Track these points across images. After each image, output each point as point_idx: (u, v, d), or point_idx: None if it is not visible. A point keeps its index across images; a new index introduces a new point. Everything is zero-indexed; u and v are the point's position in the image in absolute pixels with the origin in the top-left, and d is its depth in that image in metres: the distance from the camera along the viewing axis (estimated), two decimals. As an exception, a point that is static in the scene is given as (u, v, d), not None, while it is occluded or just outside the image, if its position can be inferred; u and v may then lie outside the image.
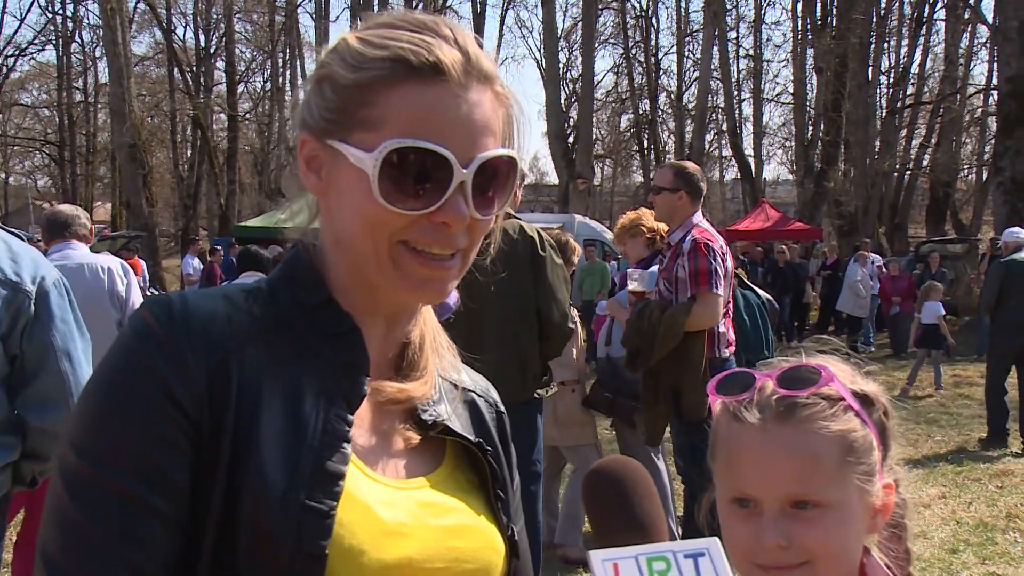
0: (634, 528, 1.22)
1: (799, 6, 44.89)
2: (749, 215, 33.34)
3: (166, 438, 1.18)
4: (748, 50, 51.64)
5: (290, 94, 51.11)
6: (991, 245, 19.33)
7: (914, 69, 45.21)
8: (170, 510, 1.17)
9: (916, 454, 10.31)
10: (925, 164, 43.91)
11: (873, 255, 23.12)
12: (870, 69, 38.63)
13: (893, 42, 44.60)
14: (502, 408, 1.60)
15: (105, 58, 37.48)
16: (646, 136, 55.15)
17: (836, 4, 37.38)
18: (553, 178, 41.98)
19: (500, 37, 63.56)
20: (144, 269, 22.50)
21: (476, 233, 1.33)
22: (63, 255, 6.30)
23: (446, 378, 1.50)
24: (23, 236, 3.91)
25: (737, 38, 50.02)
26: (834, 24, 36.82)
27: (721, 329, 5.92)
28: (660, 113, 54.52)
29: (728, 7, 44.76)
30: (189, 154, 54.46)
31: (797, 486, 1.37)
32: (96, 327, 5.84)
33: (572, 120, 42.80)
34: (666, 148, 54.64)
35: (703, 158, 42.31)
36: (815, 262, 27.01)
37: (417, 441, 1.40)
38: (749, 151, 48.54)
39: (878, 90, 41.95)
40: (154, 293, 19.95)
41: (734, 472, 1.42)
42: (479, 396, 1.56)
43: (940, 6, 42.33)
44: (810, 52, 41.66)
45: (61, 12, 51.82)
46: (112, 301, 6.40)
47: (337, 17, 58.75)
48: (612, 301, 7.59)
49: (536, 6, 46.92)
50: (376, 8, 45.99)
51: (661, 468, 6.98)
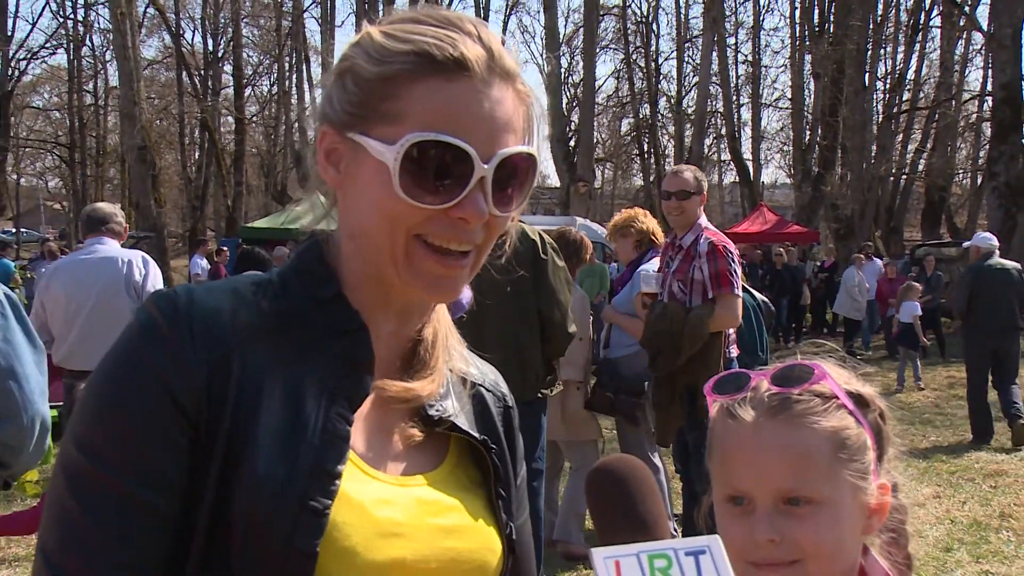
0: (636, 526, 1.21)
1: (797, 13, 45.11)
2: (747, 218, 33.35)
3: (165, 436, 1.17)
4: (747, 56, 51.78)
5: (296, 97, 51.12)
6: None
7: (910, 75, 45.41)
8: (166, 507, 1.17)
9: (911, 454, 10.28)
10: (921, 168, 44.05)
11: (876, 259, 23.15)
12: (867, 75, 38.58)
13: (889, 48, 44.65)
14: (511, 402, 1.58)
15: (115, 62, 37.53)
16: (646, 140, 55.27)
17: (833, 11, 37.45)
18: (555, 181, 41.99)
19: (502, 42, 63.49)
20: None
21: (493, 230, 1.32)
22: (91, 250, 6.74)
23: (456, 372, 1.48)
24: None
25: (736, 44, 50.17)
26: (831, 30, 36.86)
27: (728, 331, 5.92)
28: (660, 117, 54.63)
29: (727, 13, 44.88)
30: (197, 156, 54.59)
31: (789, 481, 1.36)
32: (113, 315, 6.30)
33: (573, 124, 42.75)
34: (666, 152, 54.73)
35: (702, 162, 42.28)
36: (812, 264, 27.01)
37: (420, 438, 1.38)
38: (748, 155, 48.66)
39: (875, 95, 41.91)
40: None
41: (728, 469, 1.42)
42: (487, 390, 1.54)
43: (936, 13, 42.40)
44: (808, 58, 41.75)
45: (72, 17, 51.91)
46: (128, 291, 6.64)
47: (343, 22, 58.75)
48: (609, 309, 7.56)
49: (538, 12, 47.09)
50: (382, 12, 46.07)
51: (659, 466, 6.98)
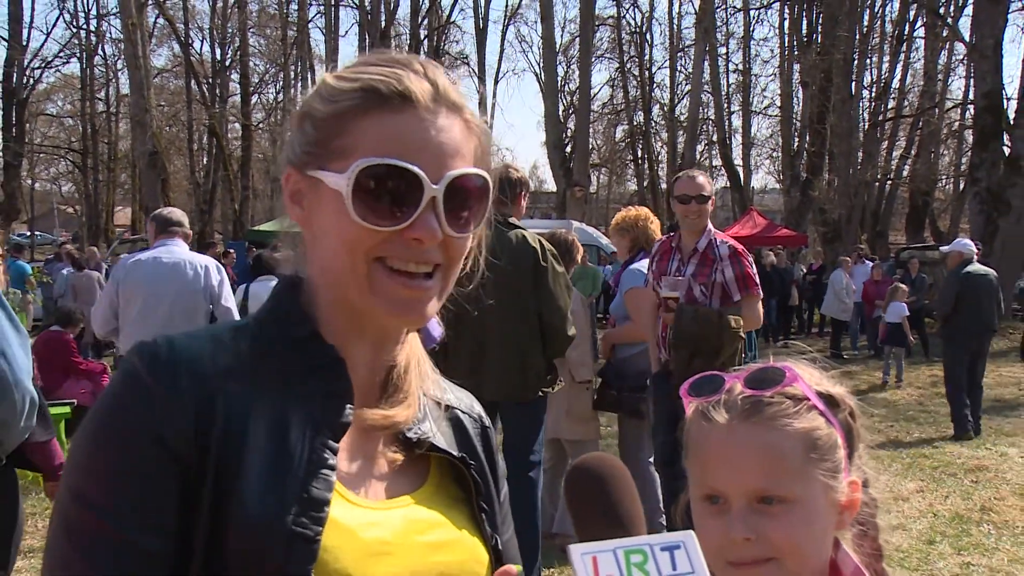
0: (614, 523, 1.21)
1: (786, 24, 45.05)
2: (738, 222, 33.31)
3: (156, 481, 1.18)
4: (737, 65, 51.71)
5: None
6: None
7: (895, 84, 45.43)
8: (162, 548, 1.18)
9: (895, 450, 10.33)
10: (905, 174, 44.06)
11: (869, 261, 23.19)
12: (853, 84, 38.64)
13: (875, 58, 44.66)
14: (487, 422, 1.58)
15: (126, 70, 37.45)
16: (640, 146, 55.26)
17: (821, 22, 37.44)
18: (551, 186, 41.92)
19: (501, 51, 63.72)
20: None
21: (453, 252, 1.32)
22: (166, 250, 6.89)
23: (430, 397, 1.48)
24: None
25: (727, 53, 50.13)
26: (819, 41, 36.85)
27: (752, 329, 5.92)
28: (653, 124, 54.60)
29: (718, 24, 44.86)
30: (205, 161, 54.47)
31: (762, 481, 1.37)
32: (188, 317, 6.61)
33: (570, 131, 42.79)
34: (659, 158, 54.69)
35: (694, 167, 42.27)
36: (800, 267, 27.01)
37: (401, 460, 1.39)
38: (738, 161, 48.58)
39: (861, 104, 41.95)
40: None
41: (704, 470, 1.42)
42: (463, 412, 1.54)
43: (920, 24, 42.43)
44: (796, 67, 41.69)
45: (85, 27, 51.95)
46: (205, 295, 6.86)
47: (346, 32, 58.98)
48: (609, 332, 7.54)
49: (536, 22, 47.00)
50: (383, 24, 46.09)
51: (655, 477, 6.88)
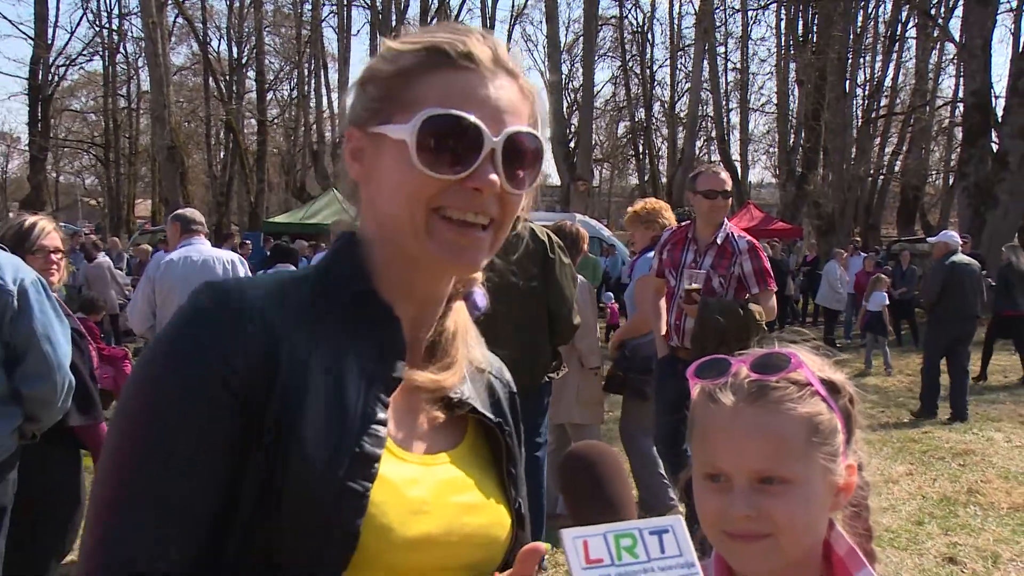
0: (605, 507, 1.20)
1: (783, 24, 44.94)
2: (736, 215, 33.21)
3: (212, 414, 1.17)
4: (736, 64, 51.66)
5: (314, 101, 51.13)
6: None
7: (887, 82, 45.26)
8: (212, 480, 1.17)
9: (886, 435, 10.33)
10: (897, 170, 44.01)
11: (863, 253, 23.19)
12: (847, 82, 38.49)
13: (868, 57, 44.49)
14: (514, 388, 1.60)
15: (146, 68, 37.52)
16: (641, 142, 55.19)
17: (816, 22, 37.39)
18: (555, 180, 41.87)
19: (507, 50, 63.38)
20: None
21: (508, 207, 1.32)
22: (194, 249, 6.96)
23: (472, 361, 1.50)
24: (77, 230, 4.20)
25: (726, 52, 50.03)
26: (814, 41, 36.78)
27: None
28: (654, 121, 54.60)
29: (717, 24, 44.75)
30: (222, 156, 54.51)
31: (765, 463, 1.36)
32: None
33: (573, 127, 42.74)
34: (660, 153, 54.72)
35: (694, 163, 42.20)
36: (795, 258, 26.98)
37: (442, 419, 1.40)
38: (736, 156, 48.59)
39: (854, 101, 41.81)
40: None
41: (708, 449, 1.42)
42: (495, 378, 1.56)
43: (911, 25, 42.33)
44: (792, 66, 41.70)
45: (107, 26, 51.88)
46: None
47: (358, 31, 58.95)
48: (619, 331, 7.57)
49: (541, 22, 46.96)
50: (394, 23, 45.99)
51: (656, 457, 6.86)
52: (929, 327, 12.37)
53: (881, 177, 45.00)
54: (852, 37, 39.02)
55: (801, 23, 41.30)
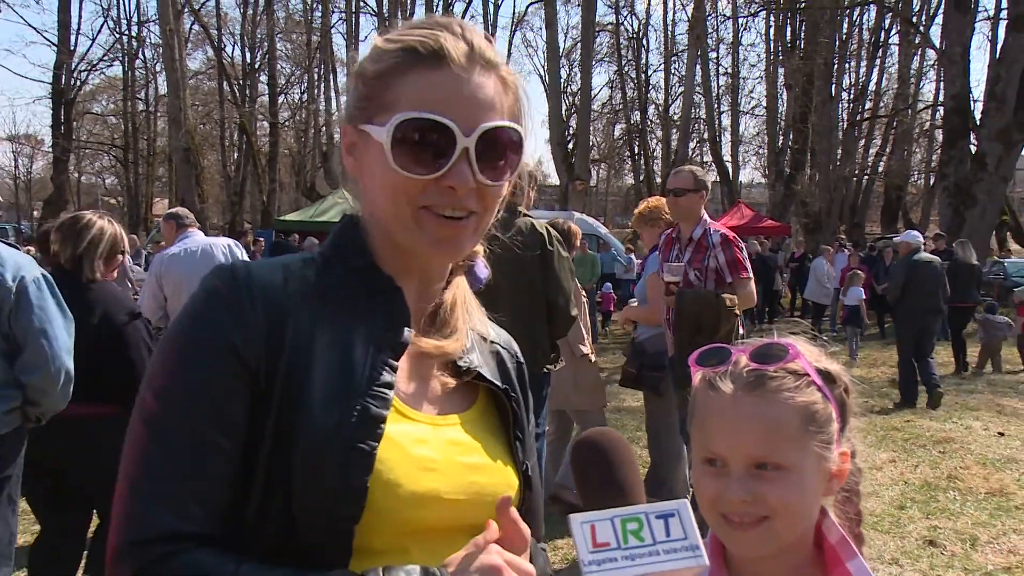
0: (614, 492, 1.21)
1: (772, 31, 44.87)
2: (727, 214, 33.25)
3: (229, 385, 1.22)
4: (727, 68, 51.46)
5: (324, 104, 51.11)
6: (935, 239, 19.31)
7: (871, 87, 45.23)
8: (231, 447, 1.21)
9: (870, 424, 10.33)
10: (880, 170, 43.99)
11: (846, 249, 23.22)
12: (833, 86, 38.53)
13: (853, 63, 44.50)
14: (522, 359, 1.62)
15: (164, 73, 37.47)
16: (636, 143, 55.11)
17: (804, 29, 37.36)
18: (555, 180, 41.87)
19: (508, 55, 63.22)
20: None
21: (488, 199, 1.34)
22: (191, 241, 7.08)
23: (477, 332, 1.52)
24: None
25: (717, 58, 49.95)
26: (802, 47, 36.78)
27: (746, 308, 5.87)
28: (649, 123, 54.47)
29: (709, 31, 44.68)
30: (236, 157, 54.37)
31: (761, 449, 1.36)
32: None
33: (571, 129, 42.62)
34: (654, 154, 54.53)
35: (687, 163, 42.14)
36: (783, 254, 26.95)
37: (453, 385, 1.42)
38: (727, 157, 48.51)
39: (840, 105, 41.83)
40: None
41: (707, 434, 1.42)
42: (503, 348, 1.58)
43: (894, 32, 42.25)
44: (781, 71, 41.63)
45: (127, 33, 51.76)
46: None
47: (366, 37, 58.53)
48: (627, 309, 7.53)
49: (540, 28, 46.81)
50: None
51: (681, 450, 6.79)
52: (897, 322, 12.58)
53: (865, 177, 44.96)
54: (838, 43, 39.07)
55: (789, 30, 41.30)
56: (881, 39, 43.38)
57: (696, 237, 5.97)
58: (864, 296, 16.45)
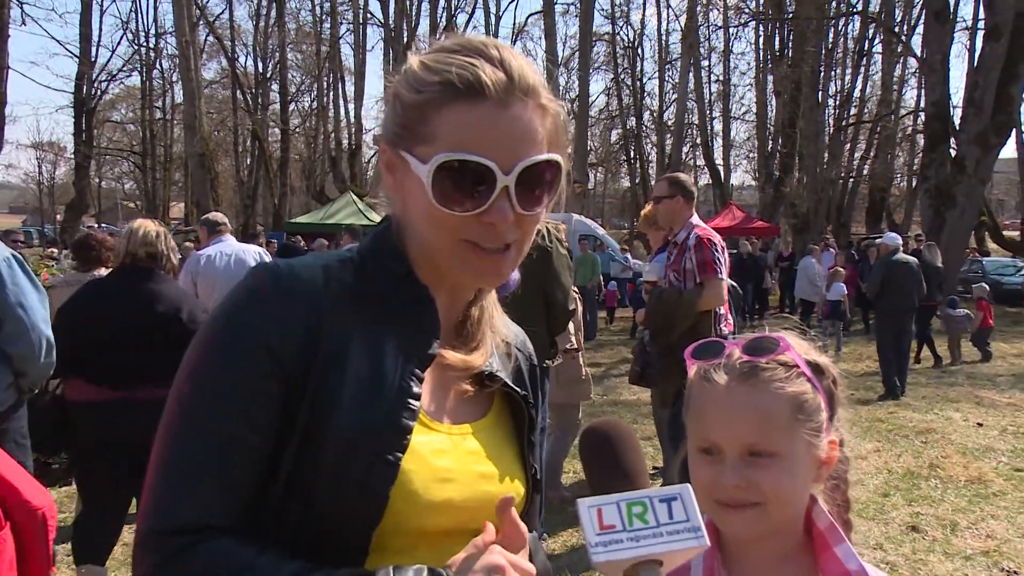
0: (620, 477, 1.20)
1: (761, 40, 44.91)
2: (719, 215, 33.22)
3: (261, 383, 1.20)
4: (718, 76, 51.61)
5: (333, 112, 51.13)
6: (916, 239, 19.34)
7: (856, 93, 45.21)
8: (260, 444, 1.20)
9: (855, 415, 10.34)
10: (865, 173, 43.91)
11: (833, 248, 23.25)
12: (820, 93, 38.47)
13: (839, 71, 44.47)
14: (535, 360, 1.59)
15: (180, 82, 37.45)
16: (632, 148, 55.05)
17: (791, 39, 37.31)
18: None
19: (523, 65, 63.34)
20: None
21: (526, 226, 1.30)
22: (225, 245, 7.40)
23: (499, 337, 1.50)
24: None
25: (709, 66, 49.89)
26: (790, 55, 36.75)
27: (720, 311, 5.84)
28: (644, 129, 54.37)
29: (701, 40, 44.63)
30: (248, 162, 54.41)
31: (754, 437, 1.36)
32: None
33: (570, 134, 42.60)
34: (649, 158, 54.52)
35: (680, 167, 42.17)
36: (772, 254, 26.93)
37: (472, 392, 1.40)
38: (719, 161, 48.69)
39: (826, 111, 41.75)
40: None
41: (703, 424, 1.42)
42: (519, 350, 1.55)
43: (877, 41, 42.20)
44: (770, 78, 41.61)
45: (145, 44, 51.77)
46: None
47: (373, 47, 58.77)
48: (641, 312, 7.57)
49: (540, 38, 46.70)
50: (406, 40, 45.88)
51: None
52: (876, 318, 12.76)
53: (851, 180, 44.89)
54: (824, 52, 39.03)
55: (778, 39, 41.25)
56: (865, 48, 43.37)
57: (680, 240, 5.98)
58: (847, 292, 16.74)
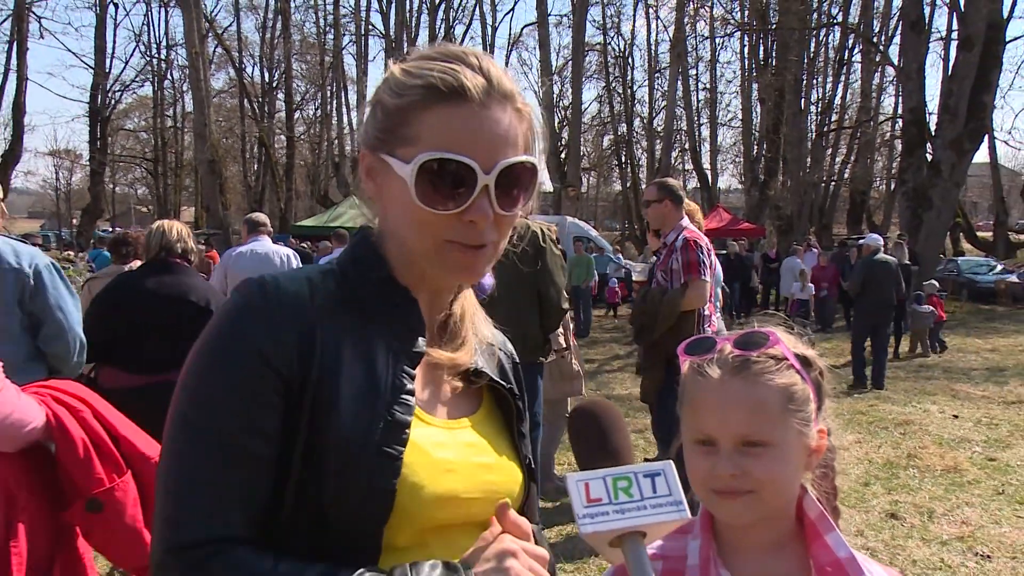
0: (606, 454, 1.21)
1: (746, 49, 44.93)
2: (707, 217, 32.76)
3: (261, 394, 1.17)
4: (705, 84, 51.57)
5: (336, 119, 51.11)
6: (898, 238, 19.40)
7: (837, 101, 45.19)
8: (265, 451, 1.17)
9: (838, 407, 10.27)
10: (846, 177, 43.90)
11: (815, 248, 23.27)
12: (802, 100, 38.49)
13: (820, 79, 44.47)
14: (516, 359, 1.59)
15: (190, 91, 37.46)
16: (623, 153, 55.01)
17: (775, 48, 37.32)
18: (548, 186, 41.82)
19: (503, 69, 63.25)
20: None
21: (503, 226, 1.30)
22: (259, 244, 7.60)
23: (480, 337, 1.48)
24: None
25: (697, 74, 49.91)
26: (773, 64, 36.74)
27: (705, 312, 5.79)
28: (635, 134, 54.31)
29: (689, 49, 44.69)
30: (255, 168, 54.30)
31: (747, 427, 1.36)
32: None
33: (564, 140, 42.62)
34: (640, 163, 54.42)
35: (670, 171, 42.22)
36: (758, 254, 26.93)
37: (461, 389, 1.39)
38: (707, 165, 48.66)
39: (809, 117, 41.72)
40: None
41: (697, 417, 1.42)
42: (500, 349, 1.53)
43: (857, 51, 42.24)
44: (755, 86, 41.64)
45: (156, 56, 51.89)
46: None
47: (374, 57, 58.58)
48: None
49: (534, 48, 46.81)
50: (405, 51, 45.76)
51: None
52: (855, 315, 12.87)
53: (832, 183, 44.92)
54: (806, 61, 39.08)
55: (762, 49, 41.27)
56: (845, 57, 43.43)
57: (669, 242, 5.94)
58: (814, 292, 17.46)
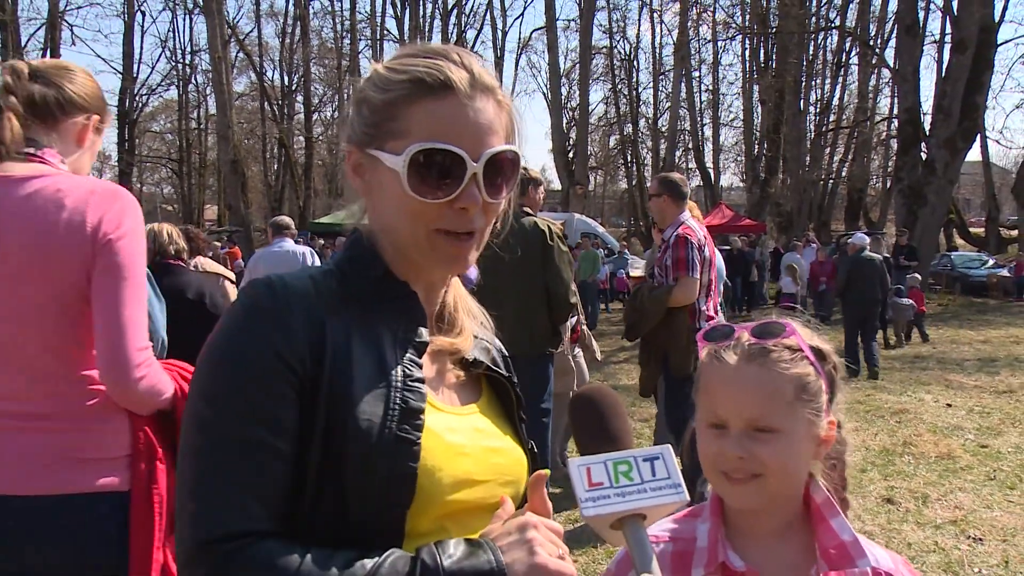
0: (606, 439, 1.21)
1: (747, 52, 44.76)
2: (709, 214, 33.05)
3: (276, 389, 1.16)
4: (708, 86, 51.39)
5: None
6: (897, 234, 19.40)
7: (835, 102, 45.07)
8: (283, 446, 1.15)
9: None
10: (844, 175, 43.78)
11: (814, 244, 23.20)
12: (802, 101, 38.44)
13: (819, 81, 44.36)
14: (505, 352, 1.57)
15: (213, 95, 37.55)
16: (629, 152, 54.93)
17: (775, 51, 37.24)
18: (557, 185, 41.81)
19: (515, 75, 63.02)
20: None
21: (489, 214, 1.30)
22: (283, 245, 7.84)
23: (474, 322, 1.49)
24: None
25: (700, 76, 49.78)
26: (774, 66, 36.69)
27: (702, 307, 5.70)
28: (640, 134, 54.21)
29: (692, 52, 44.55)
30: (276, 168, 54.41)
31: (758, 412, 1.36)
32: None
33: (572, 140, 42.59)
34: (645, 162, 54.34)
35: (674, 170, 42.07)
36: (759, 250, 26.88)
37: (463, 377, 1.40)
38: (709, 164, 48.51)
39: (808, 117, 41.68)
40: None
41: (712, 401, 1.42)
42: (489, 343, 1.51)
43: (854, 54, 42.08)
44: (756, 88, 41.52)
45: (181, 61, 51.95)
46: None
47: (390, 61, 58.40)
48: None
49: (543, 52, 46.73)
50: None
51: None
52: (843, 310, 13.02)
53: (831, 181, 44.81)
54: (805, 64, 39.03)
55: (763, 52, 41.23)
56: (843, 60, 43.27)
57: (666, 238, 5.85)
58: (813, 286, 17.80)
